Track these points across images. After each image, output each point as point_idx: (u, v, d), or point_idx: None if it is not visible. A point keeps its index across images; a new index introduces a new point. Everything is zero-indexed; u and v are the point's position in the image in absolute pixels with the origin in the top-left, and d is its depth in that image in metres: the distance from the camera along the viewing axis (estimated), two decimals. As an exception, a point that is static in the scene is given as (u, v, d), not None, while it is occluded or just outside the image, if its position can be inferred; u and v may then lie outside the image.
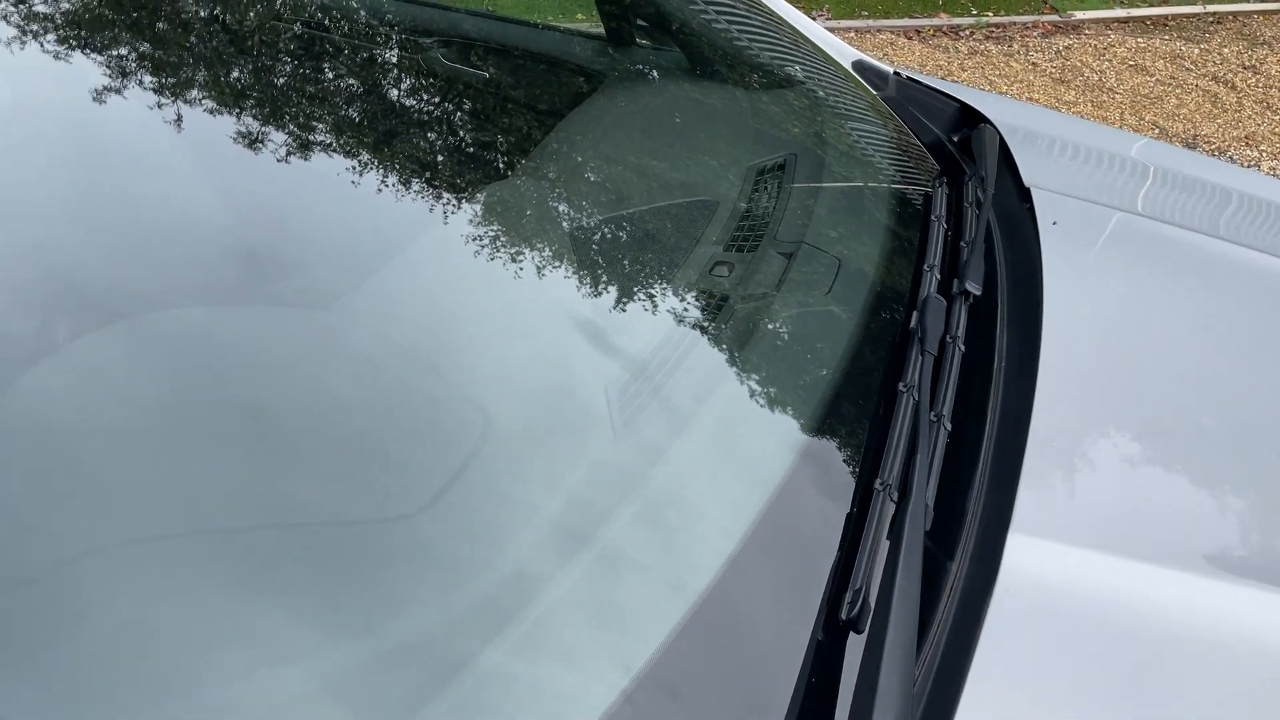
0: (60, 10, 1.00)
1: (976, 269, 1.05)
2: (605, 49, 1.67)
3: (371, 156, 1.09)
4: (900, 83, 1.61)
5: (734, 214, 1.15)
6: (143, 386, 0.84)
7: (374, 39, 1.33)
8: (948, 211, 1.21)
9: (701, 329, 0.95)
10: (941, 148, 1.49)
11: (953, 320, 0.99)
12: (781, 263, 1.06)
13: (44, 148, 0.96)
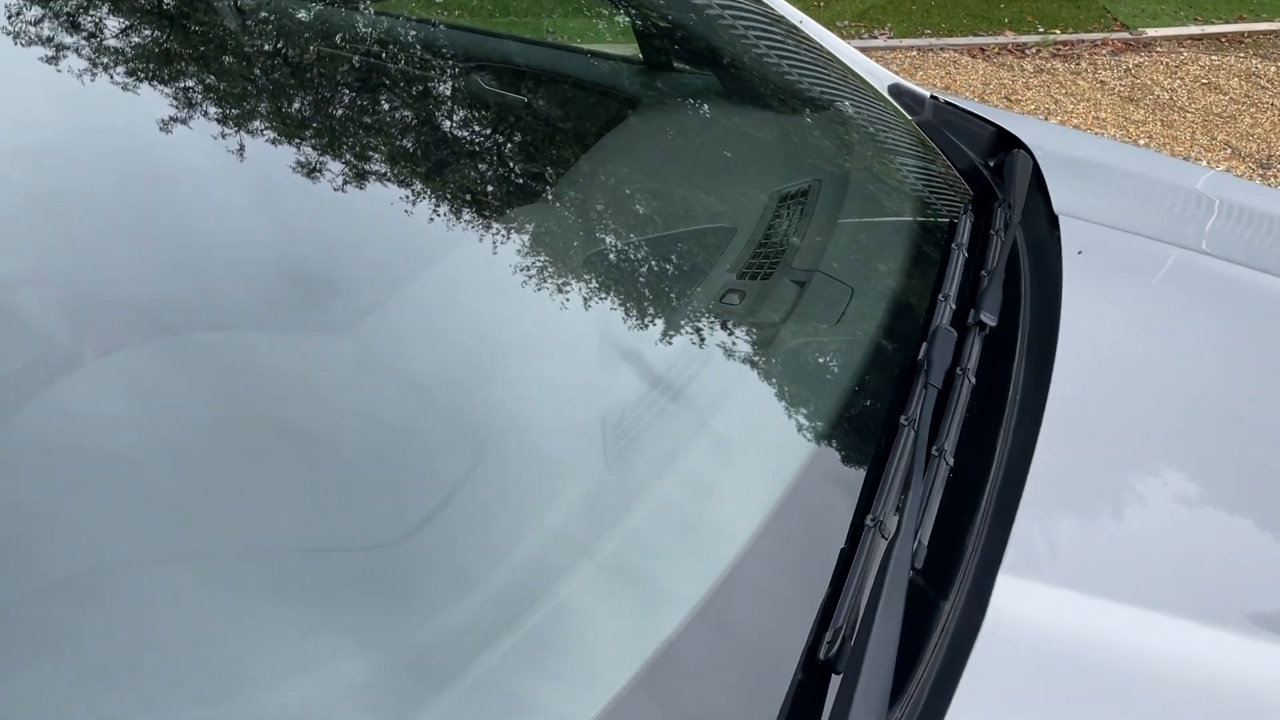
0: (116, 38, 1.03)
1: (994, 299, 1.03)
2: (641, 73, 1.68)
3: (402, 177, 1.11)
4: (937, 106, 1.59)
5: (751, 241, 1.14)
6: (180, 401, 0.86)
7: (411, 63, 1.35)
8: (971, 239, 1.19)
9: (706, 357, 0.95)
10: (977, 173, 1.47)
11: (965, 352, 0.97)
12: (794, 291, 1.05)
13: (97, 167, 0.99)
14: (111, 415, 0.85)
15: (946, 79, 5.10)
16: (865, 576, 0.73)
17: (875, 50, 5.35)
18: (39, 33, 0.99)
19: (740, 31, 1.62)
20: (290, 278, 1.04)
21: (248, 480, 0.79)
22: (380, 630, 0.71)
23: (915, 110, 1.60)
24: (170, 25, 1.09)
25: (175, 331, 0.94)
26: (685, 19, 1.68)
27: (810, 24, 1.62)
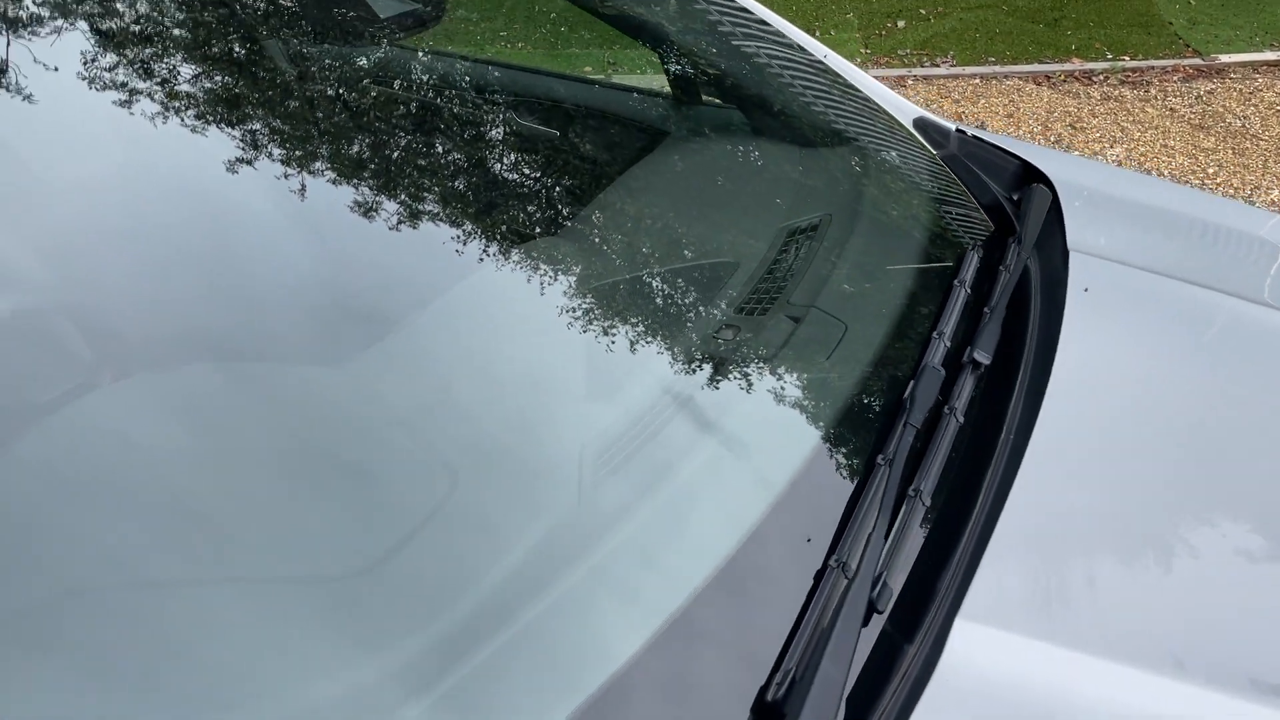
0: (176, 82, 1.08)
1: (990, 337, 1.02)
2: (668, 107, 1.70)
3: (416, 206, 1.14)
4: (962, 140, 1.57)
5: (752, 276, 1.15)
6: (216, 424, 0.90)
7: (442, 97, 1.39)
8: (980, 275, 1.18)
9: (690, 393, 0.95)
10: (1000, 207, 1.45)
11: (956, 390, 0.96)
12: (788, 328, 1.06)
13: (151, 200, 1.04)
14: (156, 435, 0.88)
15: (1010, 107, 5.03)
16: (823, 618, 0.73)
17: (938, 78, 5.30)
18: (105, 75, 1.04)
19: (765, 65, 1.63)
20: (314, 304, 1.07)
21: (228, 504, 0.82)
22: (355, 650, 0.73)
23: (940, 144, 1.59)
24: (218, 66, 1.14)
25: (217, 356, 0.98)
26: (712, 54, 1.69)
27: (835, 58, 1.62)
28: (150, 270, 1.01)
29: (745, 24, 1.65)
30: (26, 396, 0.93)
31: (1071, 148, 4.63)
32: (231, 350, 1.01)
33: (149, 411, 0.90)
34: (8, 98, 0.97)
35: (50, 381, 0.96)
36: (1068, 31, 5.61)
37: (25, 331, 0.96)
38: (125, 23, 1.09)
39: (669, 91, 1.72)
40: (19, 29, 1.01)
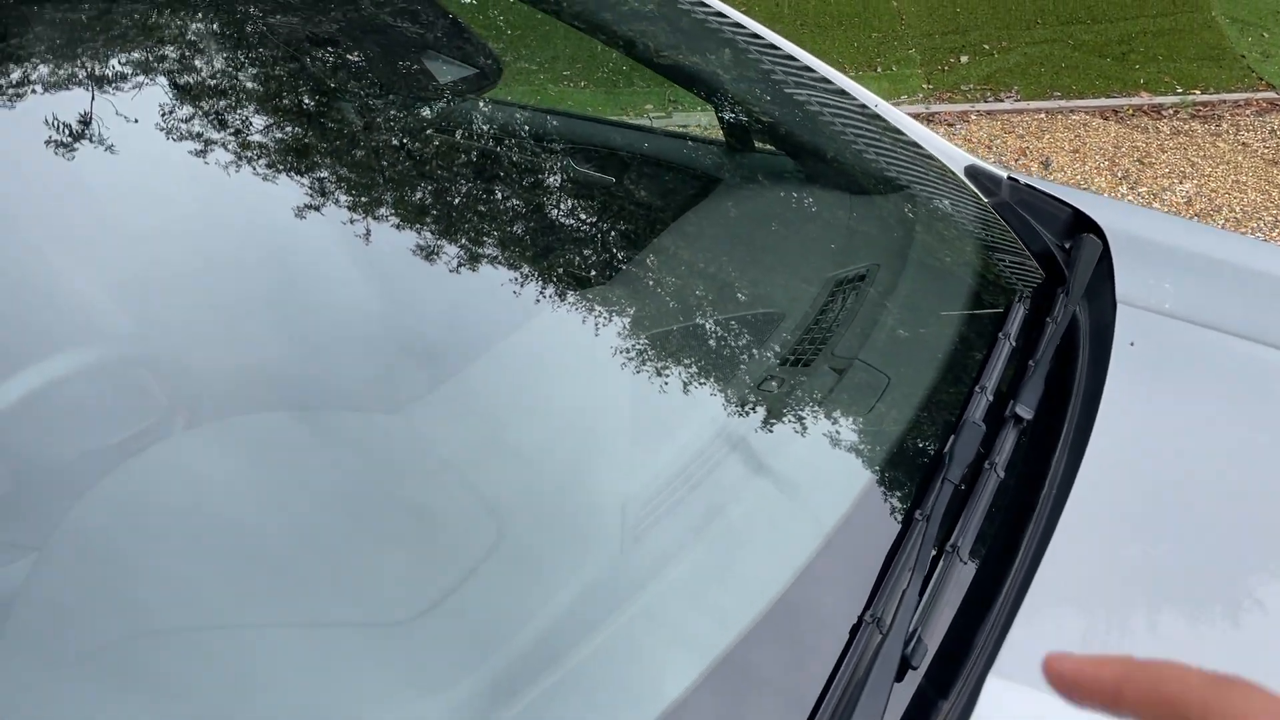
0: (248, 132, 1.15)
1: (1033, 391, 1.03)
2: (720, 154, 1.74)
3: (481, 251, 1.18)
4: (1014, 188, 1.58)
5: (798, 326, 1.17)
6: (285, 469, 0.95)
7: (501, 145, 1.44)
8: (1025, 328, 1.18)
9: (732, 445, 0.98)
10: (1051, 257, 1.46)
11: (997, 446, 0.97)
12: (831, 380, 1.07)
13: (228, 247, 1.11)
14: (224, 478, 0.93)
15: (1076, 141, 4.98)
16: (857, 672, 0.75)
17: (1002, 113, 5.27)
18: (181, 125, 1.10)
19: (816, 112, 1.66)
20: (378, 350, 1.12)
21: (290, 546, 0.86)
22: (402, 699, 0.76)
23: (992, 192, 1.59)
24: (288, 118, 1.20)
25: (285, 400, 1.03)
26: (764, 102, 1.73)
27: (885, 106, 1.64)
28: (222, 316, 1.07)
29: (796, 72, 1.68)
30: (100, 438, 0.98)
31: (1140, 183, 4.57)
32: (298, 394, 1.06)
33: (218, 455, 0.95)
34: (91, 149, 1.04)
35: (122, 424, 1.02)
36: (1136, 65, 5.54)
37: (100, 374, 1.02)
38: (202, 76, 1.16)
39: (722, 139, 1.76)
40: (101, 84, 1.08)
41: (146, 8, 1.15)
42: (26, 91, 1.03)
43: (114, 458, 0.95)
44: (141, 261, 1.07)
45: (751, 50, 1.70)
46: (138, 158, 1.10)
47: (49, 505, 0.90)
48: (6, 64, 1.03)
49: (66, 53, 1.07)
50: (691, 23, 1.71)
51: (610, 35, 1.76)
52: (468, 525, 0.87)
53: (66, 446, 0.96)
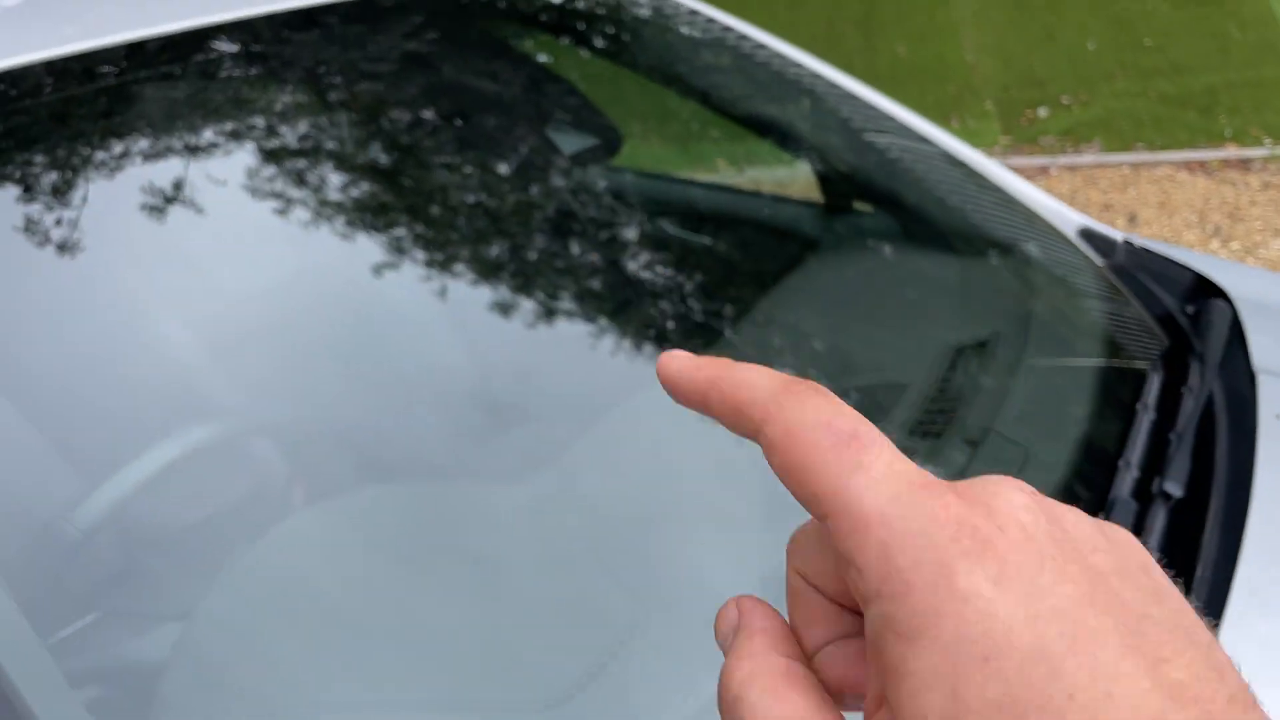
0: (335, 194, 1.17)
1: (1180, 467, 0.99)
2: (821, 216, 1.73)
3: (587, 317, 1.19)
4: (1130, 250, 1.54)
5: (924, 396, 1.15)
6: (378, 538, 0.95)
7: (597, 208, 1.45)
8: (1161, 397, 1.14)
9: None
10: (1174, 322, 1.41)
11: (1148, 526, 0.93)
12: (965, 452, 1.05)
13: (319, 309, 1.12)
14: (330, 554, 0.93)
15: (1162, 196, 4.88)
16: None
17: (1083, 167, 5.20)
18: (268, 187, 1.13)
19: (920, 174, 1.64)
20: (486, 420, 1.12)
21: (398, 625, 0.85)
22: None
23: (1107, 254, 1.56)
24: (374, 178, 1.22)
25: (392, 475, 1.03)
26: (865, 162, 1.72)
27: (991, 166, 1.62)
28: (342, 388, 1.08)
29: (894, 130, 1.67)
30: (229, 512, 0.99)
31: (1231, 238, 4.46)
32: (420, 466, 1.06)
33: (349, 529, 0.95)
34: (184, 211, 1.06)
35: (249, 497, 1.03)
36: (1221, 118, 5.44)
37: (223, 448, 1.03)
38: (322, 156, 1.18)
39: (820, 199, 1.75)
40: (195, 150, 1.11)
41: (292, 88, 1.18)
42: (137, 172, 1.06)
43: (244, 531, 0.96)
44: (260, 336, 1.08)
45: (848, 107, 1.70)
46: (255, 233, 1.13)
47: (189, 578, 0.91)
48: (111, 141, 1.06)
49: (185, 134, 1.10)
50: (785, 80, 1.71)
51: (687, 89, 1.77)
52: (607, 606, 0.86)
53: (198, 521, 0.97)
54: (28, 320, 0.93)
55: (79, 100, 1.02)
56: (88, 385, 0.94)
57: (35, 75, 0.96)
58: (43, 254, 0.92)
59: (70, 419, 0.93)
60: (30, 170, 0.96)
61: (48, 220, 0.93)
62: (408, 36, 1.31)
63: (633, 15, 1.67)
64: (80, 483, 0.89)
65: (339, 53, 1.22)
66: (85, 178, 0.99)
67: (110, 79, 1.03)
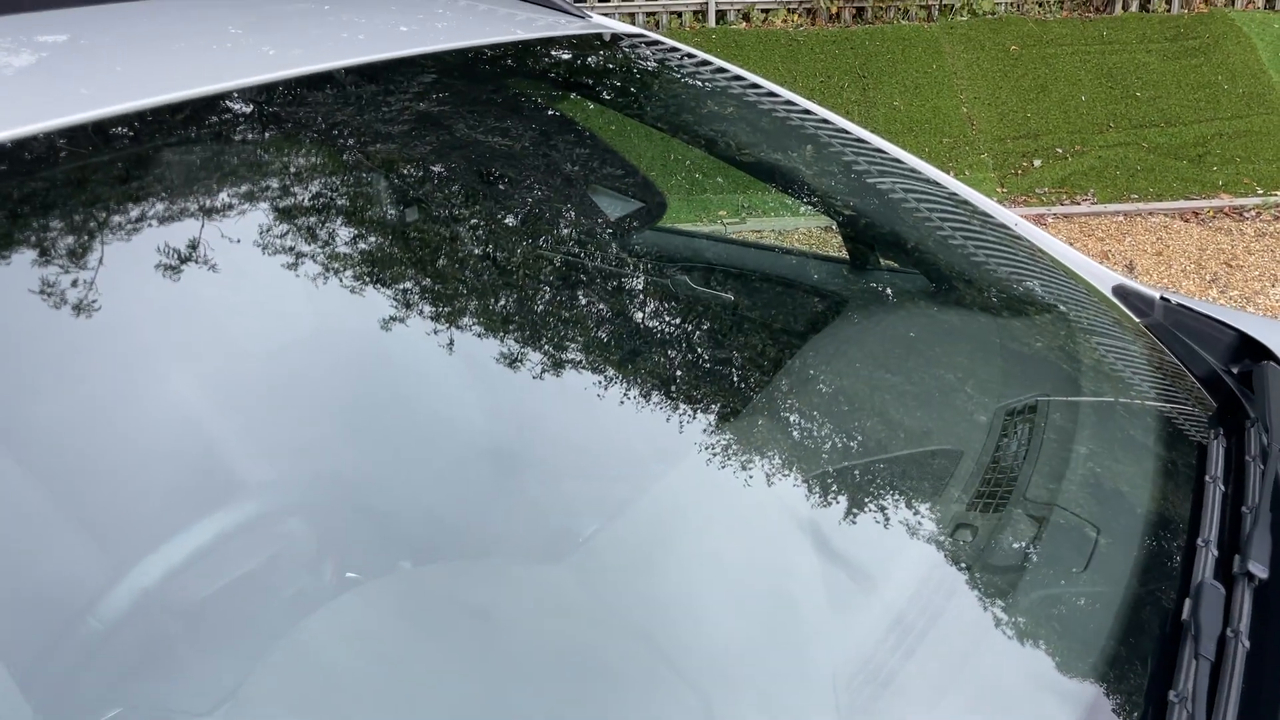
0: (347, 246, 1.12)
1: (1261, 544, 0.94)
2: (849, 274, 1.68)
3: (611, 377, 1.13)
4: (1168, 308, 1.50)
5: (979, 466, 1.09)
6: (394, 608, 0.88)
7: (621, 264, 1.40)
8: (1226, 468, 1.10)
9: (939, 606, 0.89)
10: (1219, 383, 1.37)
11: (1234, 610, 0.88)
12: (1032, 528, 0.99)
13: (331, 363, 1.06)
14: (394, 637, 0.87)
15: (1159, 244, 4.89)
16: None
17: (1079, 216, 5.21)
18: (278, 242, 1.08)
19: (949, 232, 1.60)
20: (523, 471, 1.06)
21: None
22: None
23: (1144, 313, 1.52)
24: (388, 233, 1.17)
25: (411, 539, 0.97)
26: (893, 219, 1.68)
27: (1025, 225, 1.59)
28: (371, 463, 1.02)
29: (924, 188, 1.64)
30: (259, 597, 0.93)
31: (1230, 286, 4.46)
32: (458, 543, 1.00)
33: (384, 611, 0.89)
34: (199, 270, 1.00)
35: (280, 580, 0.96)
36: (1213, 167, 5.48)
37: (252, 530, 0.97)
38: (357, 223, 1.13)
39: (846, 256, 1.71)
40: (210, 211, 1.06)
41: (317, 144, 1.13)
42: (142, 242, 1.01)
43: (275, 617, 0.90)
44: (280, 406, 1.03)
45: (877, 166, 1.66)
46: (276, 297, 1.07)
47: (216, 668, 0.84)
48: (129, 205, 1.01)
49: (205, 201, 1.05)
50: (810, 137, 1.68)
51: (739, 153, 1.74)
52: (656, 692, 0.80)
53: (226, 607, 0.91)
54: (39, 401, 0.87)
55: (91, 167, 0.97)
56: (106, 466, 0.88)
57: (45, 142, 0.91)
58: (63, 328, 0.86)
59: (90, 502, 0.87)
60: (40, 238, 0.90)
61: (66, 293, 0.88)
62: (417, 96, 1.27)
63: (684, 78, 1.64)
64: (100, 572, 0.83)
65: (353, 113, 1.18)
66: (96, 246, 0.94)
67: (109, 149, 0.98)
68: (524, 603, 0.93)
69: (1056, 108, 5.78)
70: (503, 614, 0.93)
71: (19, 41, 1.14)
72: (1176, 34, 6.08)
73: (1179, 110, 5.80)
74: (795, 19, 6.13)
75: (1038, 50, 5.96)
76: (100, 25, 1.21)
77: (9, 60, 1.11)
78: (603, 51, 1.61)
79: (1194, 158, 5.62)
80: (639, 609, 0.93)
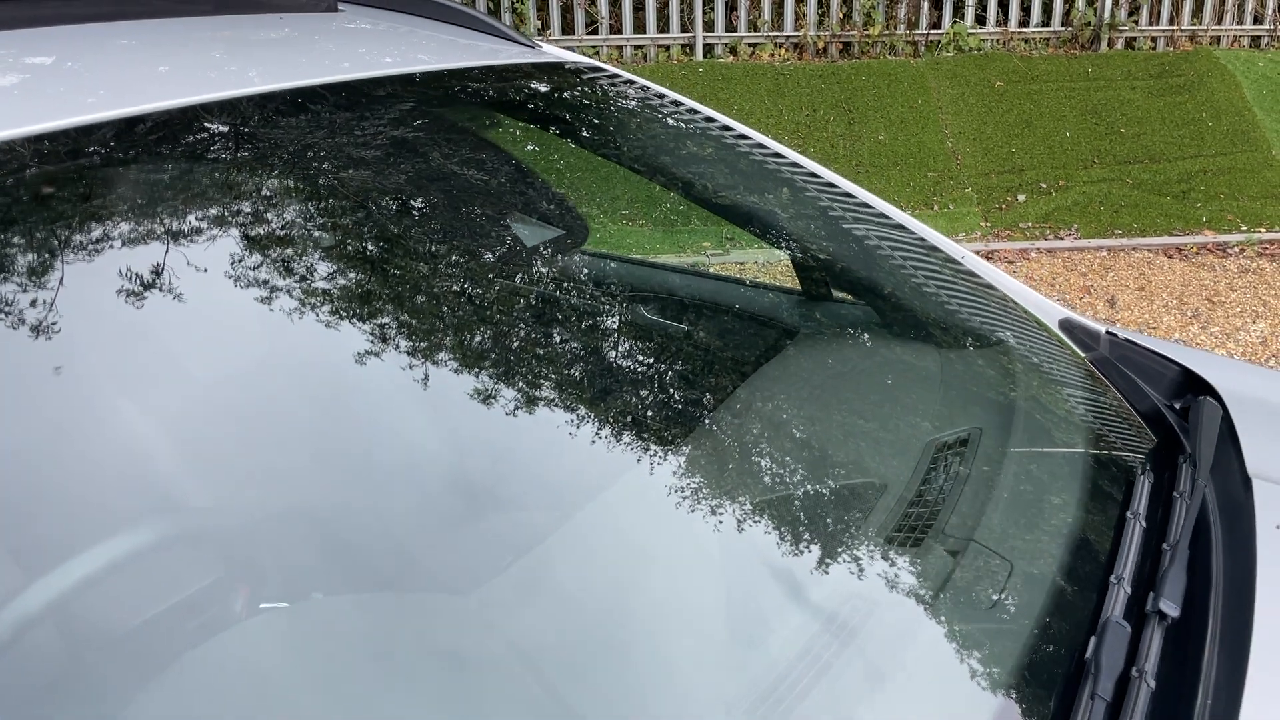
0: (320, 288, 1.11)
1: (1175, 582, 0.92)
2: (799, 305, 1.68)
3: (561, 403, 1.12)
4: (1114, 342, 1.50)
5: (902, 499, 1.08)
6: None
7: (575, 293, 1.40)
8: (1150, 504, 1.08)
9: (844, 635, 0.88)
10: (1160, 419, 1.36)
11: (1142, 649, 0.86)
12: (946, 562, 0.98)
13: (286, 398, 1.05)
14: (293, 659, 0.86)
15: (1141, 280, 4.90)
16: None
17: (1062, 251, 5.22)
18: (255, 285, 1.07)
19: (899, 263, 1.60)
20: (478, 495, 1.05)
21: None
22: None
23: (1089, 346, 1.51)
24: (361, 267, 1.16)
25: (360, 583, 0.95)
26: (844, 250, 1.68)
27: (972, 258, 1.58)
28: (292, 488, 1.01)
29: (874, 220, 1.64)
30: (162, 618, 0.91)
31: (1211, 323, 4.45)
32: (370, 574, 0.98)
33: (281, 640, 0.88)
34: (161, 298, 1.00)
35: (185, 604, 0.95)
36: (1197, 204, 5.50)
37: (164, 550, 0.95)
38: (284, 238, 1.13)
39: (798, 287, 1.71)
40: (176, 236, 1.05)
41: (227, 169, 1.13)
42: (105, 250, 1.01)
43: (176, 640, 0.88)
44: (208, 430, 1.02)
45: (825, 198, 1.66)
46: (212, 316, 1.07)
47: (130, 685, 0.83)
48: (86, 221, 1.00)
49: (146, 210, 1.04)
50: (765, 171, 1.68)
51: (670, 178, 1.74)
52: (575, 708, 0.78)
53: (143, 624, 0.89)
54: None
55: (50, 178, 0.97)
56: (33, 474, 0.87)
57: (13, 149, 0.91)
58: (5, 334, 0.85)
59: (9, 509, 0.85)
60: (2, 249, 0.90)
61: (16, 300, 0.87)
62: (385, 124, 1.27)
63: (620, 106, 1.64)
64: (12, 578, 0.81)
65: (320, 137, 1.17)
66: (46, 257, 0.94)
67: (78, 158, 0.98)
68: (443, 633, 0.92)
69: (1041, 143, 5.80)
70: (418, 646, 0.92)
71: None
72: (1161, 71, 6.13)
73: (1163, 147, 5.83)
74: (782, 53, 6.18)
75: (1023, 86, 5.99)
76: (59, 44, 1.21)
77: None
78: (552, 82, 1.62)
79: (1178, 194, 5.64)
80: (534, 638, 0.91)
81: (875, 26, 6.14)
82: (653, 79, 4.52)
